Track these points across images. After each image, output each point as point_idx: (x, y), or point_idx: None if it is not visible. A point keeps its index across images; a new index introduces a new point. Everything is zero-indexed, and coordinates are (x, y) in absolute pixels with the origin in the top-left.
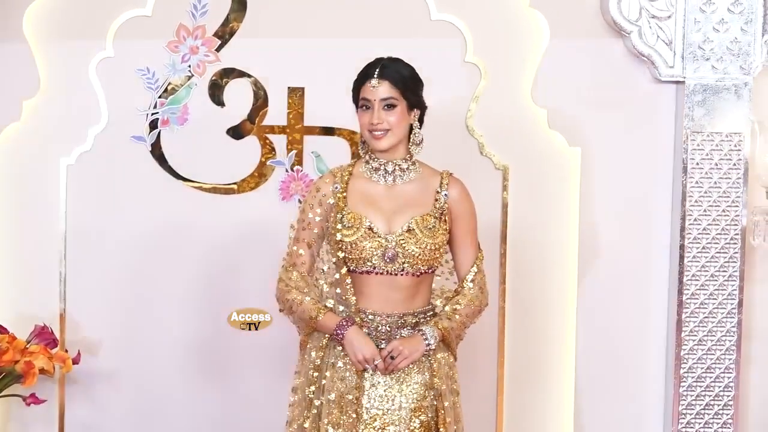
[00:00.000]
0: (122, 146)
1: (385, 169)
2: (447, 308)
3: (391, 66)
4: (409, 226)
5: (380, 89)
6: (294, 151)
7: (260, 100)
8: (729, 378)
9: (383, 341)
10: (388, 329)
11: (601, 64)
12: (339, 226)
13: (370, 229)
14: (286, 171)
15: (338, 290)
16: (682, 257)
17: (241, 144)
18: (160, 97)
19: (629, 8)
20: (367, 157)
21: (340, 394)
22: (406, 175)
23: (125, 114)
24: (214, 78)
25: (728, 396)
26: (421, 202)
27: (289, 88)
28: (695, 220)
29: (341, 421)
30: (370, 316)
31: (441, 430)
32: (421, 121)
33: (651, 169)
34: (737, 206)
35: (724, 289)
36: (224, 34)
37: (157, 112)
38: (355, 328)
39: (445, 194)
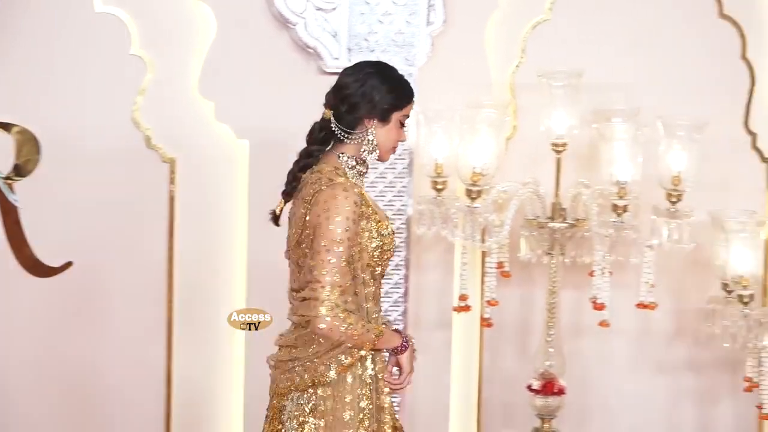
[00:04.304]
0: None
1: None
2: None
3: None
4: None
5: None
6: None
7: None
8: None
9: None
10: None
11: (267, 56)
12: (375, 234)
13: (393, 232)
14: None
15: (368, 305)
16: None
17: None
18: None
19: (295, 0)
20: (359, 167)
21: (381, 406)
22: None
23: None
24: None
25: None
26: None
27: None
28: None
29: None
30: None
31: None
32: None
33: None
34: (403, 196)
35: (390, 278)
36: None
37: None
38: None
39: None
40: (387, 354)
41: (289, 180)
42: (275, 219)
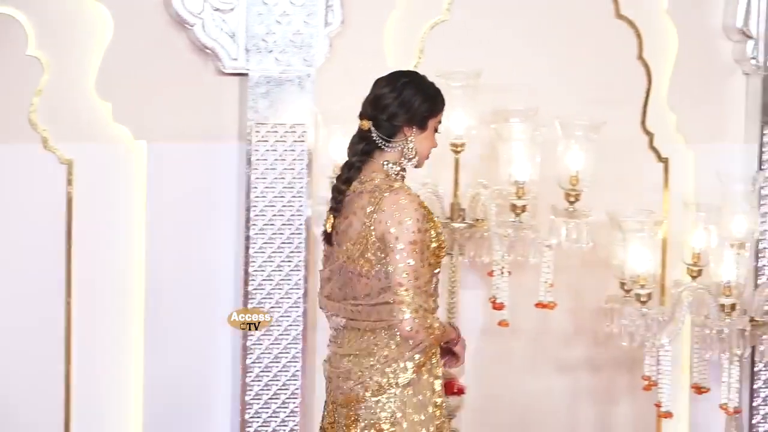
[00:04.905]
0: None
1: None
2: None
3: None
4: None
5: None
6: None
7: None
8: (296, 367)
9: None
10: None
11: (165, 56)
12: (434, 234)
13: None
14: None
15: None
16: (247, 248)
17: None
18: None
19: (192, 1)
20: (403, 173)
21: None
22: None
23: None
24: None
25: (295, 385)
26: None
27: None
28: (261, 211)
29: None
30: None
31: None
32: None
33: (216, 162)
34: (301, 197)
35: (290, 279)
36: None
37: None
38: None
39: None
40: None
41: (335, 196)
42: (328, 237)
